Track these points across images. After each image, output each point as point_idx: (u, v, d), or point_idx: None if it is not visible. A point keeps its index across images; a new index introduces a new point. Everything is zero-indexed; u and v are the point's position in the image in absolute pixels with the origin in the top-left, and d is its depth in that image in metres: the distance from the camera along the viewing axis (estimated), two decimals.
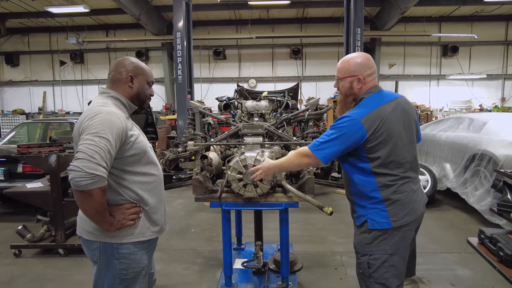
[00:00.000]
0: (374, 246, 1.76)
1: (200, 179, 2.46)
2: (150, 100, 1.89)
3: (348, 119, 1.72)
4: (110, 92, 1.73)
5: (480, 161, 4.63)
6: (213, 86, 13.31)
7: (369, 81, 1.84)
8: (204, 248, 4.07)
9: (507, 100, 13.01)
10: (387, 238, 1.75)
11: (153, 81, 1.88)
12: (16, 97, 14.04)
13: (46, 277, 3.39)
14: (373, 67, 1.86)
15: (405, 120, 1.81)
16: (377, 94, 1.83)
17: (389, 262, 1.75)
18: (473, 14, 12.24)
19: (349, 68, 1.84)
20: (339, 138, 1.72)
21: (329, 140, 1.74)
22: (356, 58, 1.86)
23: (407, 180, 1.78)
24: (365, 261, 1.79)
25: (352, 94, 1.86)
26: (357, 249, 1.86)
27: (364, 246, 1.80)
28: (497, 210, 2.88)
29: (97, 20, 12.61)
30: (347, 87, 1.86)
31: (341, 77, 1.88)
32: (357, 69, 1.82)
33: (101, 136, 1.49)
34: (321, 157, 1.76)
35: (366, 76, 1.82)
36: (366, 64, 1.84)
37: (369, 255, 1.78)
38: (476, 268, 3.37)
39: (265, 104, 3.65)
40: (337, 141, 1.72)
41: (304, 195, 2.30)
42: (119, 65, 1.76)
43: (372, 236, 1.77)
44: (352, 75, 1.83)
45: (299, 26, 12.99)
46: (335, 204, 5.65)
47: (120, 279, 1.67)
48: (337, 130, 1.73)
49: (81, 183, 1.42)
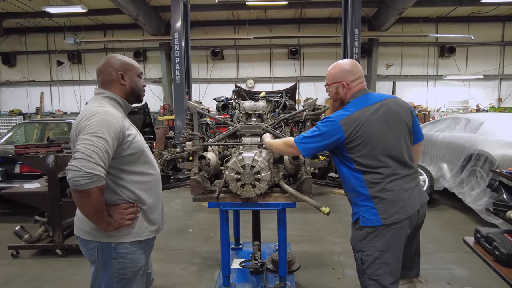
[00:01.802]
0: (366, 242, 1.83)
1: (198, 179, 2.46)
2: (144, 92, 1.90)
3: (329, 120, 1.87)
4: (106, 93, 1.73)
5: (477, 161, 4.66)
6: (211, 87, 13.31)
7: (354, 86, 1.98)
8: (202, 248, 4.07)
9: (504, 101, 13.08)
10: (378, 235, 1.80)
11: (142, 72, 1.89)
12: (13, 97, 13.97)
13: (43, 278, 3.39)
14: (357, 73, 1.99)
15: (390, 120, 1.87)
16: (362, 97, 1.95)
17: (381, 259, 1.79)
18: (470, 15, 12.30)
19: (334, 75, 2.02)
20: (320, 136, 1.87)
21: (311, 136, 1.90)
22: (341, 65, 2.02)
23: (395, 178, 1.82)
24: (359, 257, 1.87)
25: (338, 99, 2.03)
26: (352, 245, 1.93)
27: (357, 242, 1.88)
28: (493, 210, 2.90)
29: (94, 20, 12.58)
30: (334, 92, 2.04)
31: (328, 83, 2.06)
32: (341, 76, 1.98)
33: (98, 136, 1.49)
34: (302, 149, 1.93)
35: (350, 82, 1.97)
36: (350, 70, 1.98)
37: (362, 251, 1.85)
38: (473, 267, 3.39)
39: (263, 104, 3.65)
40: (317, 138, 1.88)
41: (302, 195, 2.31)
42: (106, 66, 1.75)
43: (364, 233, 1.83)
44: (337, 81, 2.00)
45: (297, 26, 13.01)
46: (332, 204, 5.67)
47: (118, 279, 1.68)
48: (319, 128, 1.88)
49: (80, 182, 1.42)
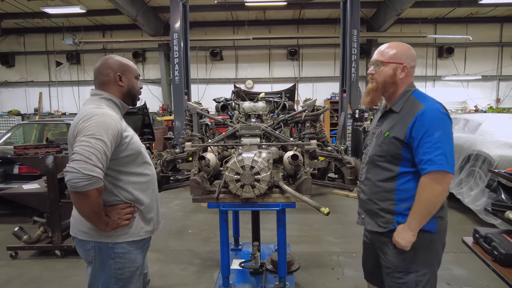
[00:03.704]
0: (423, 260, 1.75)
1: (197, 180, 2.46)
2: (141, 94, 1.90)
3: (443, 113, 1.62)
4: (103, 94, 1.73)
5: (475, 162, 4.68)
6: (210, 87, 13.30)
7: (411, 75, 1.73)
8: (202, 248, 4.07)
9: (502, 101, 13.12)
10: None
11: (139, 74, 1.89)
12: (12, 98, 13.94)
13: (42, 278, 3.38)
14: (416, 60, 1.75)
15: None
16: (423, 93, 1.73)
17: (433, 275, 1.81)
18: (468, 16, 12.33)
19: (396, 54, 1.70)
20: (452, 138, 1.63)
21: (450, 146, 1.63)
22: (405, 47, 1.73)
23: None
24: (412, 279, 1.75)
25: (392, 84, 1.72)
26: (398, 268, 1.78)
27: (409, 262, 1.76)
28: (492, 210, 2.91)
29: (93, 20, 12.56)
30: (389, 74, 1.71)
31: (384, 61, 1.71)
32: (405, 58, 1.70)
33: (97, 138, 1.49)
34: (451, 169, 1.61)
35: (410, 68, 1.72)
36: (413, 56, 1.73)
37: (415, 271, 1.76)
38: (472, 268, 3.40)
39: (262, 105, 3.66)
40: (452, 143, 1.64)
41: (301, 196, 2.31)
42: (103, 67, 1.74)
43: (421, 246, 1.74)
44: (398, 62, 1.70)
45: (295, 27, 13.02)
46: (332, 204, 5.68)
47: (116, 279, 1.68)
48: (444, 130, 1.61)
49: (78, 184, 1.43)
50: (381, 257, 1.82)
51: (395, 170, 1.69)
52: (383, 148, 1.72)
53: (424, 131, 1.58)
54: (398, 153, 1.67)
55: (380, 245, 1.81)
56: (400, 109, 1.71)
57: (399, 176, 1.68)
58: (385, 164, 1.72)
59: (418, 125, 1.59)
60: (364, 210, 1.87)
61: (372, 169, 1.79)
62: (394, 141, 1.67)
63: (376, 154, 1.76)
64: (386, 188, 1.72)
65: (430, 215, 1.62)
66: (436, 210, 1.62)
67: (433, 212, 1.62)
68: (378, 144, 1.76)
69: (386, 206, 1.72)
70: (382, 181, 1.73)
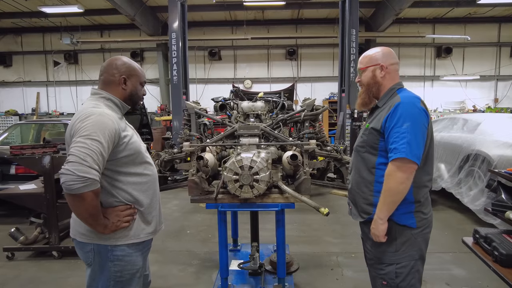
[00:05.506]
0: (401, 252, 1.80)
1: (196, 180, 2.44)
2: (143, 100, 1.87)
3: (417, 107, 1.68)
4: (102, 93, 1.70)
5: (474, 161, 4.67)
6: (209, 87, 13.29)
7: (393, 71, 1.82)
8: (200, 249, 4.05)
9: (500, 101, 13.16)
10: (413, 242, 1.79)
11: (146, 81, 1.86)
12: (9, 97, 13.89)
13: (39, 280, 3.35)
14: (396, 58, 1.84)
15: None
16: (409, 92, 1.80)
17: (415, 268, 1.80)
18: (466, 16, 12.36)
19: (370, 58, 1.84)
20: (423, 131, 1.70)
21: (415, 137, 1.70)
22: (376, 49, 1.86)
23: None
24: (392, 270, 1.81)
25: (375, 84, 1.83)
26: (379, 259, 1.86)
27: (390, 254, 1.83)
28: (492, 210, 2.90)
29: (91, 20, 12.52)
30: (369, 76, 1.84)
31: (361, 67, 1.86)
32: (379, 58, 1.82)
33: (93, 139, 1.47)
34: (417, 159, 1.68)
35: (388, 65, 1.81)
36: (389, 53, 1.84)
37: (396, 263, 1.80)
38: (471, 268, 3.39)
39: (261, 105, 3.64)
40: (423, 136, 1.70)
41: (300, 196, 2.30)
42: (111, 66, 1.72)
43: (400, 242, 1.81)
44: (374, 64, 1.82)
45: (294, 27, 13.02)
46: (331, 204, 5.67)
47: (115, 282, 1.65)
48: (413, 121, 1.67)
49: (73, 186, 1.40)
50: (364, 248, 1.95)
51: (373, 160, 1.79)
52: (364, 139, 1.84)
53: (395, 122, 1.66)
54: (376, 144, 1.77)
55: (363, 235, 1.95)
56: (383, 104, 1.82)
57: (378, 167, 1.77)
58: (365, 154, 1.82)
59: (392, 116, 1.68)
60: (351, 201, 1.95)
61: (355, 159, 1.90)
62: (372, 131, 1.78)
63: (359, 144, 1.87)
64: (367, 180, 1.81)
65: (395, 203, 1.68)
66: (402, 198, 1.67)
67: (397, 200, 1.67)
68: (360, 135, 1.90)
69: (366, 196, 1.81)
70: (363, 171, 1.83)
